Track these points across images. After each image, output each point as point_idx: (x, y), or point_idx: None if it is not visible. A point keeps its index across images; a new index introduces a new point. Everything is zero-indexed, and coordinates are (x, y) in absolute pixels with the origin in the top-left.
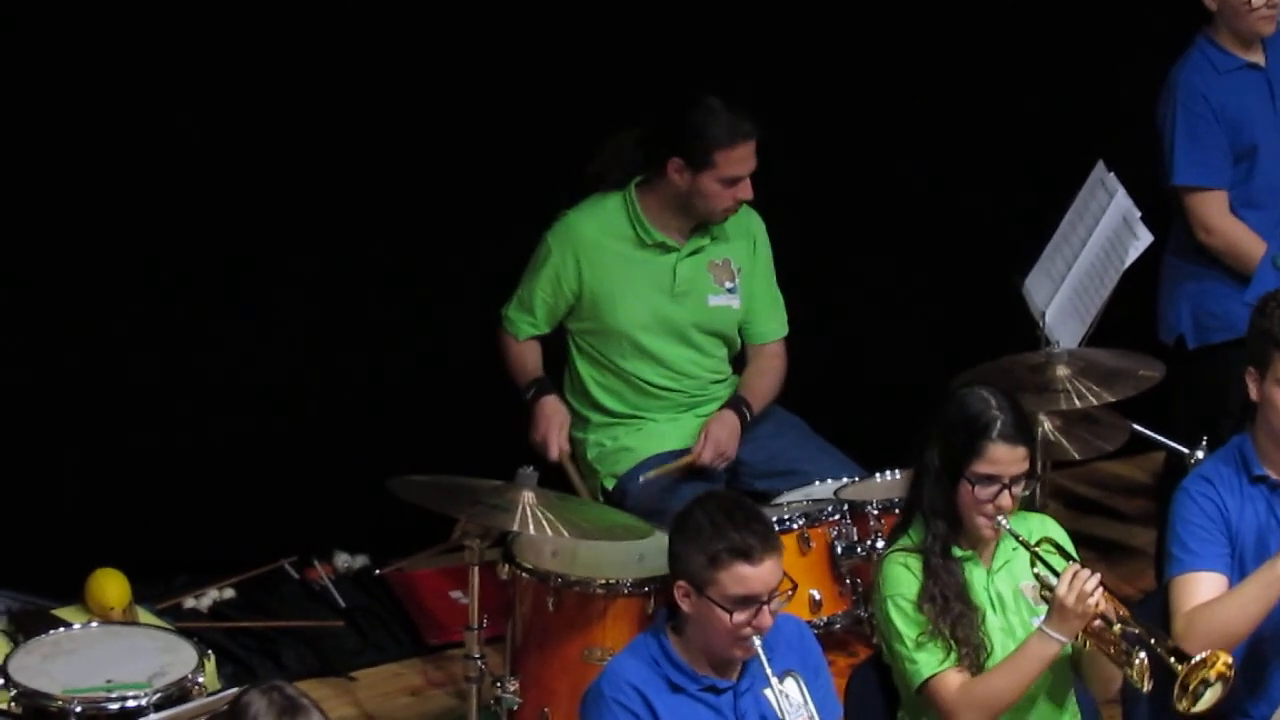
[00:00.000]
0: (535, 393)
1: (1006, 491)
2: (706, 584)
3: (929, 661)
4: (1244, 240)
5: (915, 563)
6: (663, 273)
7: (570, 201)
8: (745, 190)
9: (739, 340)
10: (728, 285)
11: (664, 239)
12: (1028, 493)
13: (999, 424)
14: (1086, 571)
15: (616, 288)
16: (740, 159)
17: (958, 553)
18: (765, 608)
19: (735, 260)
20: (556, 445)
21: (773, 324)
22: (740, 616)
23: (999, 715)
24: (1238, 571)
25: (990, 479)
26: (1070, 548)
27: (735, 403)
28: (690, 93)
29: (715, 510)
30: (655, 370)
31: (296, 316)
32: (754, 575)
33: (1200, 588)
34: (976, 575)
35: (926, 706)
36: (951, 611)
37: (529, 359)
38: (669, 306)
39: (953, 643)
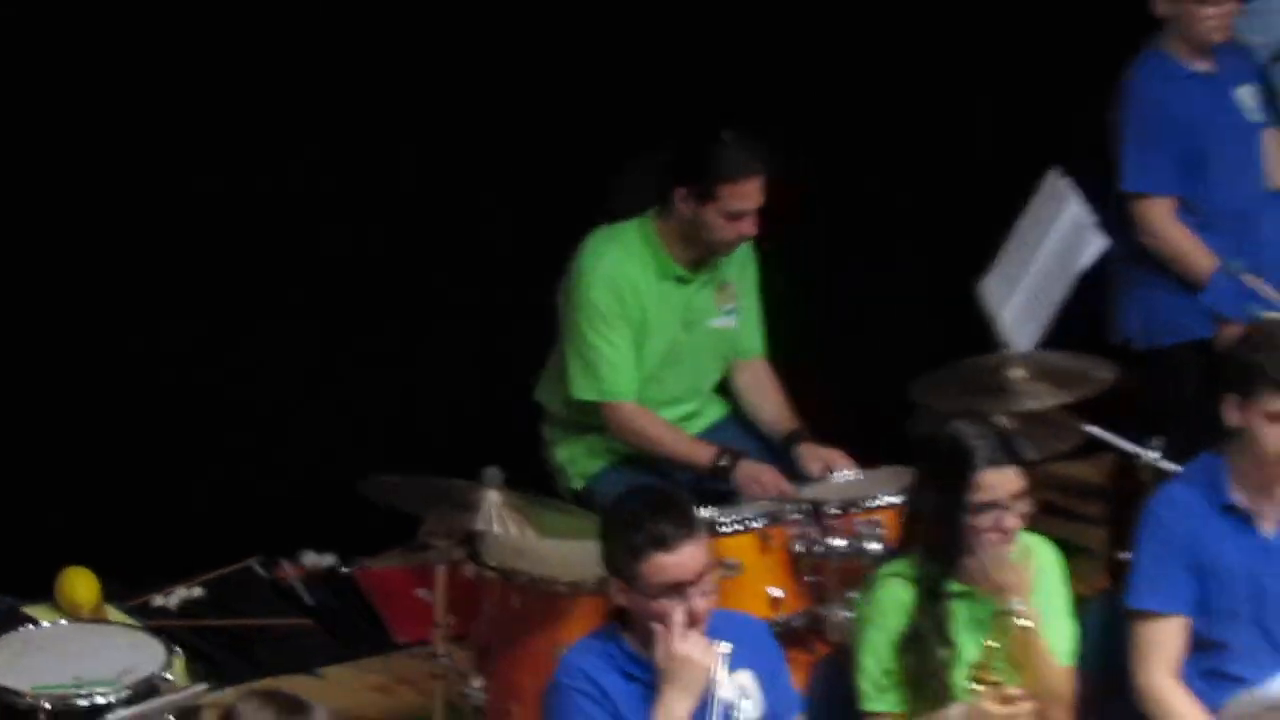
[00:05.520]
0: (731, 460)
1: (1006, 514)
2: (633, 577)
3: (881, 700)
4: (1187, 246)
5: (908, 596)
6: (680, 304)
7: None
8: (749, 226)
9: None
10: (727, 308)
11: (682, 271)
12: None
13: (982, 450)
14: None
15: (648, 321)
16: (745, 194)
17: (955, 589)
18: (694, 593)
19: (732, 280)
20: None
21: (759, 337)
22: (669, 606)
23: None
24: (1199, 600)
25: (988, 506)
26: (1061, 577)
27: (788, 440)
28: (705, 123)
29: (634, 503)
30: (651, 393)
31: (265, 318)
32: (673, 563)
33: (1159, 631)
34: (965, 610)
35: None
36: (929, 660)
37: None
38: (682, 337)
39: (914, 692)
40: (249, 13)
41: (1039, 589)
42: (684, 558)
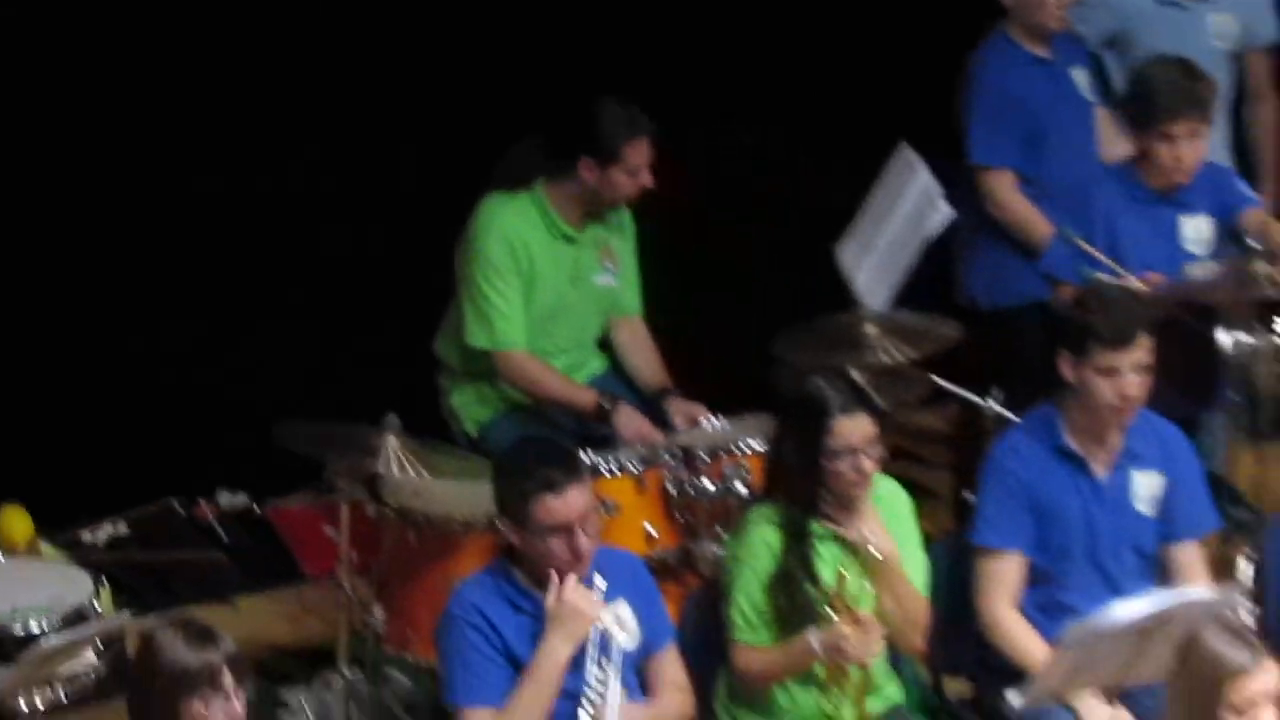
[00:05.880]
0: (611, 404)
1: (864, 458)
2: (524, 519)
3: (752, 634)
4: (1027, 215)
5: (775, 537)
6: (568, 261)
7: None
8: (648, 178)
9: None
10: (609, 267)
11: (570, 231)
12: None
13: (836, 400)
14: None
15: (536, 275)
16: (642, 150)
17: (817, 530)
18: (579, 533)
19: (614, 243)
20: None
21: (636, 297)
22: (557, 544)
23: (771, 685)
24: (1037, 538)
25: (844, 451)
26: (912, 516)
27: (658, 395)
28: (585, 97)
29: (525, 452)
30: (538, 344)
31: (181, 271)
32: (560, 505)
33: (1000, 565)
34: (829, 549)
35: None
36: (797, 597)
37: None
38: (569, 292)
39: (782, 628)
40: (248, 13)
41: (892, 528)
42: (570, 500)
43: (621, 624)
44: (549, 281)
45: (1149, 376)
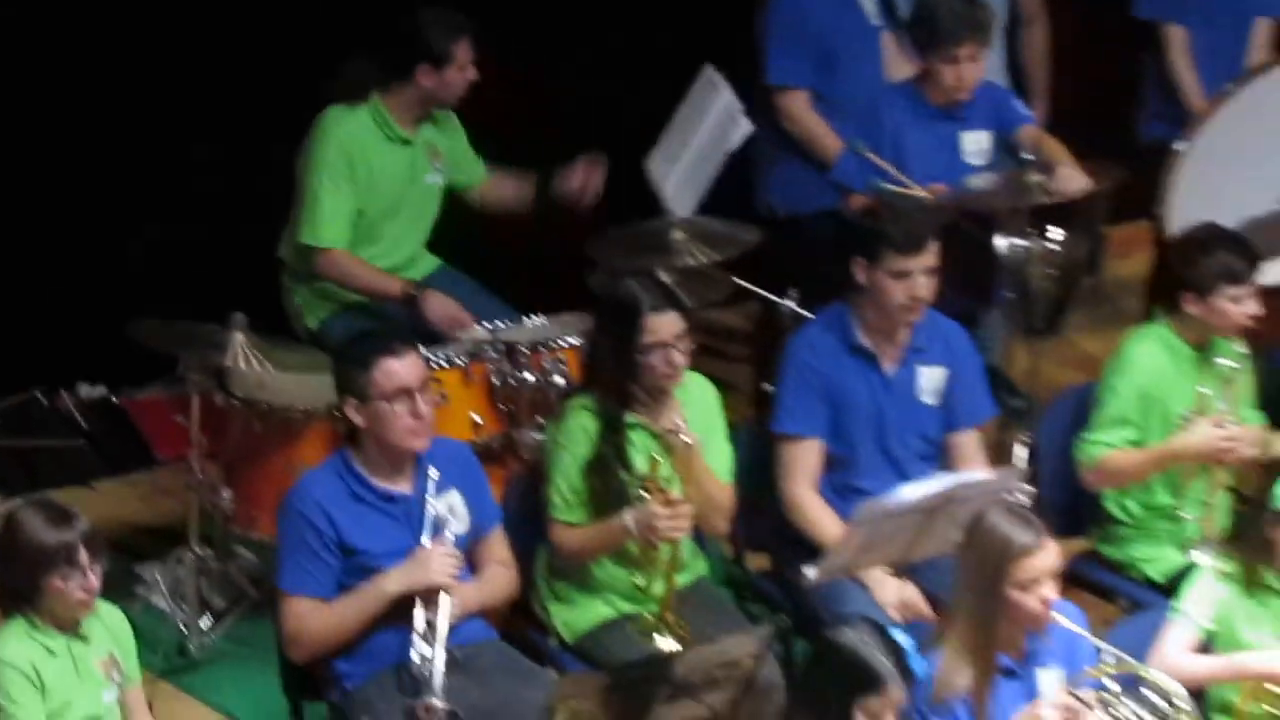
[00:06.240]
0: (418, 290)
1: (675, 352)
2: (366, 387)
3: (570, 513)
4: (820, 130)
5: (592, 425)
6: (404, 162)
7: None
8: (473, 72)
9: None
10: (438, 166)
11: (405, 134)
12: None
13: (647, 299)
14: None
15: (375, 179)
16: (468, 48)
17: (630, 420)
18: (419, 397)
19: (440, 144)
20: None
21: (482, 165)
22: (400, 407)
23: (587, 561)
24: (832, 426)
25: (654, 346)
26: (718, 407)
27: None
28: (406, 11)
29: (360, 338)
30: (377, 249)
31: (43, 169)
32: (400, 367)
33: (799, 451)
34: (641, 437)
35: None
36: (611, 480)
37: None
38: (406, 190)
39: (596, 508)
40: None
41: (700, 419)
42: (409, 364)
43: (453, 512)
44: (388, 182)
45: (935, 278)
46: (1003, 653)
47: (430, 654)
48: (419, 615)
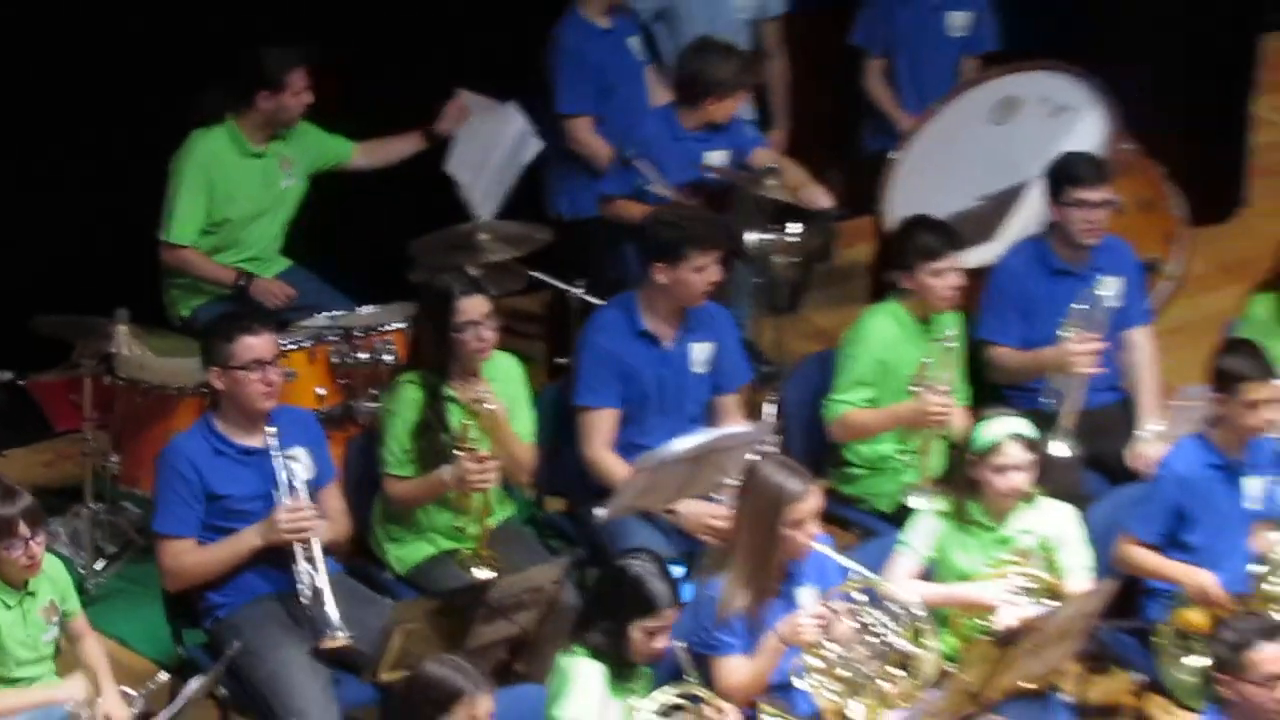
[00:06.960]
0: (247, 279)
1: (484, 329)
2: (228, 359)
3: (400, 469)
4: (598, 148)
5: (418, 395)
6: (258, 173)
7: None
8: (309, 95)
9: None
10: (289, 172)
11: (257, 150)
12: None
13: (458, 286)
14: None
15: (233, 189)
16: (302, 75)
17: (448, 391)
18: (270, 368)
19: (289, 153)
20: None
21: (345, 142)
22: (255, 375)
23: (415, 507)
24: (623, 396)
25: (466, 325)
26: (523, 381)
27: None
28: (247, 48)
29: (224, 317)
30: (239, 254)
31: None
32: (257, 342)
33: (597, 420)
34: (458, 408)
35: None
36: (434, 442)
37: (206, 259)
38: (264, 197)
39: (422, 465)
40: None
41: (508, 390)
42: (264, 340)
43: (300, 461)
44: (244, 191)
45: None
46: (773, 578)
47: (320, 592)
48: (300, 560)
